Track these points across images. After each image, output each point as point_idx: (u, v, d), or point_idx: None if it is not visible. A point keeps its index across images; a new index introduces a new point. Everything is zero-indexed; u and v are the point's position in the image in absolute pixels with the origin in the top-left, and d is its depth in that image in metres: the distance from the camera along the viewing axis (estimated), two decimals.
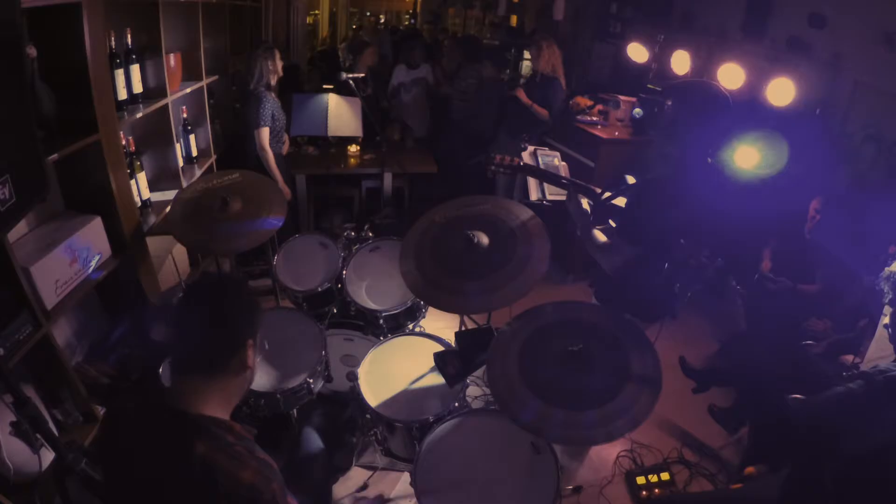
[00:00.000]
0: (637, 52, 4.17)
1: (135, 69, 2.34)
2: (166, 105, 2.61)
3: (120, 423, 1.14)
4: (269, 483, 1.04)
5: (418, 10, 11.70)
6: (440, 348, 2.13)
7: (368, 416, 1.99)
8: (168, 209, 2.43)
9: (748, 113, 3.62)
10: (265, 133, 3.14)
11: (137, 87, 2.38)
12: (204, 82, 3.11)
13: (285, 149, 3.57)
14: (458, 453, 1.72)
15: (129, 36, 2.30)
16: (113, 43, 2.14)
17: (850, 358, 2.32)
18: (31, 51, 1.66)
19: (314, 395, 2.10)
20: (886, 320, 1.84)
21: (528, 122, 4.01)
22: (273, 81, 3.19)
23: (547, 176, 2.28)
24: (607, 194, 2.02)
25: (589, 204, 2.03)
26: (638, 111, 3.79)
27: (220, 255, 2.91)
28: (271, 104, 3.16)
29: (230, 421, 1.11)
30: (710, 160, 1.81)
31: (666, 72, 4.05)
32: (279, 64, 3.20)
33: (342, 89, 3.92)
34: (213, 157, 3.33)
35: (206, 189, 2.45)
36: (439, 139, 4.89)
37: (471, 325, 2.79)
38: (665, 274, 1.77)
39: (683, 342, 3.07)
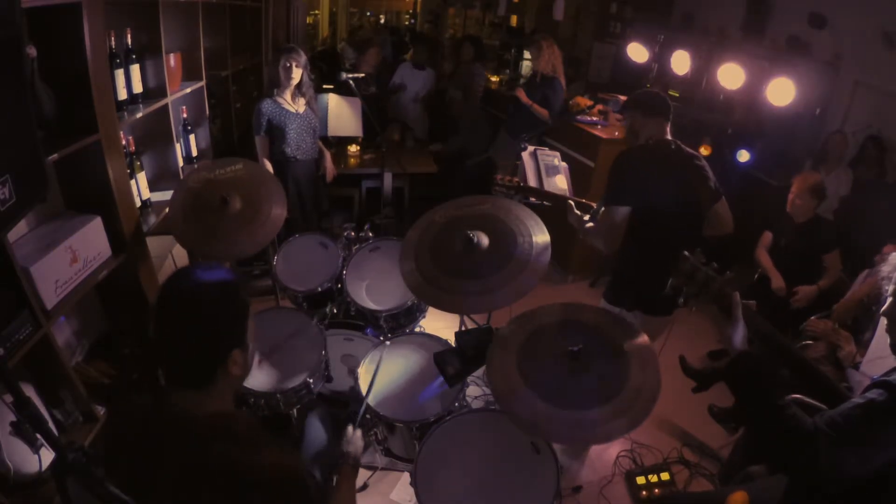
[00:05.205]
0: (637, 52, 4.18)
1: (135, 69, 2.34)
2: (166, 105, 2.60)
3: (129, 428, 1.11)
4: (289, 456, 1.08)
5: (418, 10, 11.67)
6: (440, 348, 2.13)
7: (368, 416, 1.99)
8: (168, 208, 2.43)
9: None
10: (258, 142, 3.07)
11: (137, 87, 2.38)
12: (204, 82, 3.10)
13: (328, 160, 3.45)
14: (459, 453, 1.72)
15: (129, 36, 2.30)
16: (113, 43, 2.14)
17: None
18: (31, 51, 1.65)
19: (314, 395, 2.10)
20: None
21: (528, 122, 4.01)
22: (286, 84, 3.05)
23: (547, 196, 2.49)
24: (602, 210, 2.12)
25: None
26: None
27: (222, 260, 2.87)
28: (269, 111, 3.04)
29: (234, 411, 1.12)
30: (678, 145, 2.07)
31: (666, 72, 4.05)
32: (290, 66, 3.00)
33: (342, 89, 3.92)
34: (212, 158, 3.32)
35: (208, 181, 2.40)
36: (446, 140, 4.88)
37: (471, 325, 2.79)
38: (658, 269, 1.79)
39: (683, 342, 3.06)
